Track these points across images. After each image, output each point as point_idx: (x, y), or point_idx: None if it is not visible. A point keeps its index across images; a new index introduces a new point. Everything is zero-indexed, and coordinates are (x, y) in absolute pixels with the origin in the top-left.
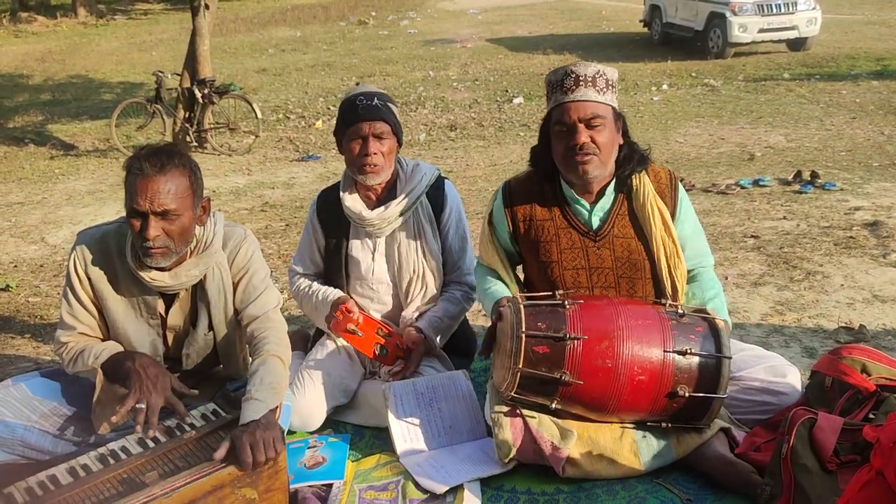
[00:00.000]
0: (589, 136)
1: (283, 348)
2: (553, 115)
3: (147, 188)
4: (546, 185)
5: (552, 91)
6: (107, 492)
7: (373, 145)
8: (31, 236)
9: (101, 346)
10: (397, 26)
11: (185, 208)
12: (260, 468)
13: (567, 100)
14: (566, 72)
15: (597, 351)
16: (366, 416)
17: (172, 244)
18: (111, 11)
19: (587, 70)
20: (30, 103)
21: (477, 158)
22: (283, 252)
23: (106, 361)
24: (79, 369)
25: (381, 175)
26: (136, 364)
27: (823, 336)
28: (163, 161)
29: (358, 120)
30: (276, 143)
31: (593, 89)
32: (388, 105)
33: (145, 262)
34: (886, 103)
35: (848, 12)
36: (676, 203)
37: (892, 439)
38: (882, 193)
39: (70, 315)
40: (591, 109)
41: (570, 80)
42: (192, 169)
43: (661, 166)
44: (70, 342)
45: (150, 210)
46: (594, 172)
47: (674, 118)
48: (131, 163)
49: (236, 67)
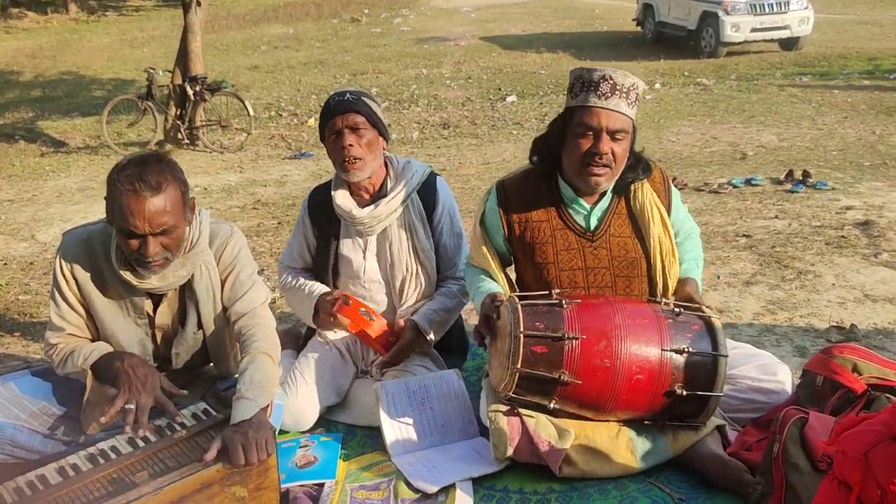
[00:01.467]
0: (610, 147)
1: (271, 345)
2: (577, 114)
3: (143, 210)
4: (542, 184)
5: (582, 89)
6: (96, 492)
7: (348, 137)
8: (20, 234)
9: (90, 347)
10: (390, 24)
11: (181, 220)
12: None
13: (599, 105)
14: (604, 76)
15: (595, 350)
16: (358, 416)
17: (170, 254)
18: (102, 8)
19: (625, 80)
20: (20, 100)
21: (470, 156)
22: (275, 250)
23: (96, 362)
24: (69, 371)
25: (365, 170)
26: (124, 364)
27: (815, 335)
28: (158, 180)
29: (331, 116)
30: (269, 140)
31: (626, 101)
32: (362, 98)
33: (143, 274)
34: (878, 103)
35: (840, 12)
36: (670, 199)
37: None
38: (873, 193)
39: (58, 316)
40: (620, 122)
41: (607, 86)
42: (180, 178)
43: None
44: (59, 343)
45: (148, 232)
46: (604, 185)
47: (666, 117)
48: (120, 180)
49: (228, 64)
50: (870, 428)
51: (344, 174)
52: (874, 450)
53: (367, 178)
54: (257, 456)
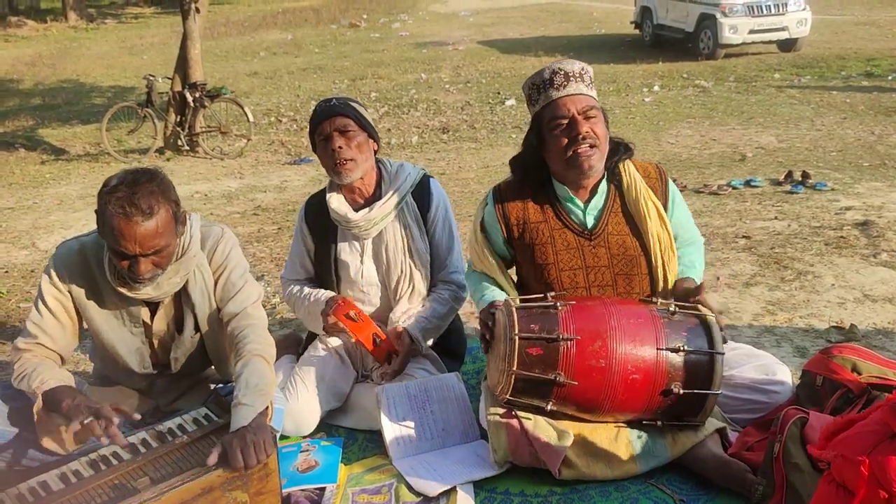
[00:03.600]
0: (588, 127)
1: (264, 346)
2: (545, 114)
3: (135, 234)
4: (537, 186)
5: (539, 92)
6: (98, 498)
7: (336, 140)
8: (21, 241)
9: (49, 373)
10: (389, 29)
11: (172, 238)
12: (250, 469)
13: (560, 95)
14: (553, 70)
15: (590, 351)
16: (358, 420)
17: (161, 270)
18: (101, 15)
19: (573, 66)
20: (20, 108)
21: (469, 160)
22: (276, 255)
23: (48, 392)
24: (22, 387)
25: (356, 171)
26: (76, 400)
27: (814, 335)
28: (149, 203)
29: (319, 121)
30: (268, 146)
31: (583, 83)
32: (348, 103)
33: (135, 288)
34: (876, 103)
35: (838, 13)
36: (668, 195)
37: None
38: (873, 193)
39: (35, 324)
40: (586, 101)
41: (560, 77)
42: (171, 198)
43: (647, 162)
44: (26, 353)
45: (139, 253)
46: (597, 165)
47: (665, 119)
48: (111, 202)
49: (227, 71)
50: (866, 429)
51: (336, 177)
52: (875, 452)
53: (360, 178)
54: (257, 458)
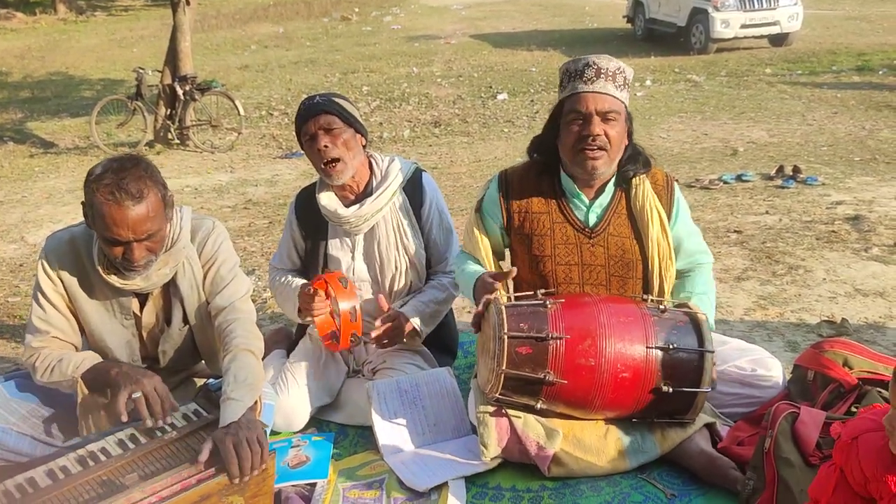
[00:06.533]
0: (603, 129)
1: (252, 339)
2: (567, 103)
3: (127, 219)
4: (544, 176)
5: (569, 80)
6: (86, 494)
7: (322, 139)
8: (10, 235)
9: (80, 356)
10: (380, 22)
11: (163, 222)
12: (250, 475)
13: (586, 90)
14: (587, 62)
15: (579, 350)
16: (349, 415)
17: (154, 256)
18: (91, 8)
19: (609, 64)
20: (9, 101)
21: (461, 155)
22: (266, 249)
23: (88, 371)
24: (54, 379)
25: (346, 172)
26: (122, 368)
27: (806, 330)
28: (138, 187)
29: (304, 121)
30: (259, 140)
31: (612, 84)
32: (332, 99)
33: (128, 277)
34: (867, 98)
35: (829, 7)
36: (673, 204)
37: (851, 435)
38: (863, 188)
39: (41, 320)
40: (609, 103)
41: (591, 71)
42: (158, 181)
43: (657, 168)
44: (43, 348)
45: (133, 239)
46: (601, 169)
47: (657, 114)
48: (99, 190)
49: (218, 64)
50: (867, 416)
51: (327, 178)
52: (864, 435)
53: (351, 177)
54: (251, 453)
